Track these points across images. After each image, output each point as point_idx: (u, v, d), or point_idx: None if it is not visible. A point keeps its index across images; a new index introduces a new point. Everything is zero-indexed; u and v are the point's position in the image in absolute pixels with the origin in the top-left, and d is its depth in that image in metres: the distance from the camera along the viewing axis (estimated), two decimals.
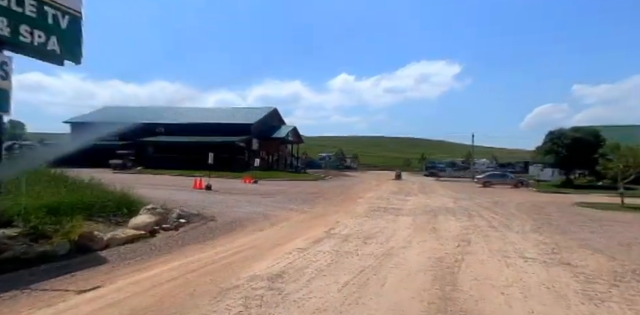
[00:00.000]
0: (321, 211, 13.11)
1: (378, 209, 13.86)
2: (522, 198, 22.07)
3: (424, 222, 11.06)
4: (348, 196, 20.09)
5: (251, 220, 10.62)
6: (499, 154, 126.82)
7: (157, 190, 18.57)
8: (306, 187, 26.36)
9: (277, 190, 22.44)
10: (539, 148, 34.10)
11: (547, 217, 13.13)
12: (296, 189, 23.85)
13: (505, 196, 23.54)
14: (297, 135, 47.55)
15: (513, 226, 10.52)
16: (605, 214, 14.74)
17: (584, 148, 30.85)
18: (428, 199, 19.10)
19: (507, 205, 17.42)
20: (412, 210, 14.03)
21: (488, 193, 26.29)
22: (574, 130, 31.91)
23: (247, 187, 24.13)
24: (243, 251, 6.86)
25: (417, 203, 16.87)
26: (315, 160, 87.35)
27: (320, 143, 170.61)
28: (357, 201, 17.15)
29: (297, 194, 19.77)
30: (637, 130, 37.44)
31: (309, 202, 15.76)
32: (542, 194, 26.34)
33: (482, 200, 19.52)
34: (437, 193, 24.57)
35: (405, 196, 20.45)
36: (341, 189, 25.36)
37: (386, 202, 17.07)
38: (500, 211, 14.60)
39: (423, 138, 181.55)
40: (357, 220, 10.95)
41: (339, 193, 22.12)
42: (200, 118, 40.55)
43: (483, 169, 78.16)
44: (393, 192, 24.10)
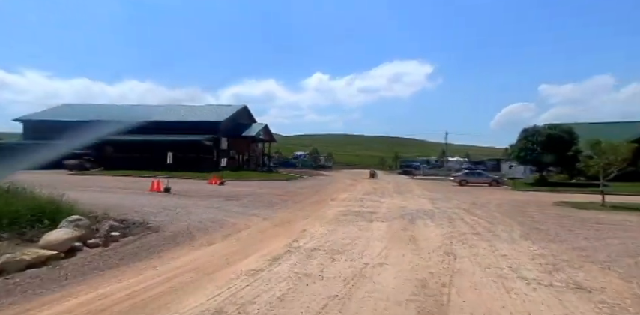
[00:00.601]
0: (288, 216, 11.73)
1: (351, 213, 12.59)
2: (500, 197, 21.30)
3: (401, 229, 9.85)
4: (319, 198, 18.77)
5: (204, 229, 9.14)
6: (471, 152, 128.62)
7: (106, 193, 16.78)
8: (276, 188, 24.91)
9: (244, 192, 20.92)
10: (513, 146, 33.69)
11: (532, 219, 12.17)
12: (264, 190, 22.39)
13: (482, 195, 22.75)
14: (268, 133, 45.90)
15: (500, 233, 9.43)
16: (589, 214, 13.95)
17: (558, 145, 30.54)
18: (404, 201, 18.00)
19: (487, 206, 16.49)
20: (387, 214, 12.83)
21: (465, 192, 25.51)
22: (549, 128, 31.59)
23: (212, 188, 22.48)
24: (178, 276, 5.41)
25: (393, 205, 15.72)
26: (288, 159, 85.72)
27: (295, 142, 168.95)
28: (328, 204, 15.85)
29: (265, 196, 18.33)
30: (604, 128, 37.62)
31: (275, 206, 14.35)
32: (518, 193, 25.76)
33: (460, 201, 18.57)
34: (413, 193, 23.57)
35: (379, 198, 19.30)
36: (313, 190, 24.03)
37: (359, 204, 15.84)
38: (481, 213, 13.59)
39: (397, 137, 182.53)
40: (326, 228, 9.63)
41: (311, 194, 20.78)
42: (165, 116, 38.39)
43: (457, 167, 78.51)
44: (368, 192, 22.95)
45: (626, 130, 35.65)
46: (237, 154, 42.27)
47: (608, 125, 38.96)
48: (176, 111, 39.96)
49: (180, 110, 40.58)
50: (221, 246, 7.52)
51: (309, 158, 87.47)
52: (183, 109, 41.21)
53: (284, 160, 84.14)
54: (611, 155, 16.40)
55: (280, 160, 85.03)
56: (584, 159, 17.66)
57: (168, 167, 32.01)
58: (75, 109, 41.31)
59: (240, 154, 42.54)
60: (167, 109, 39.83)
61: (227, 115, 39.28)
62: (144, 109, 40.24)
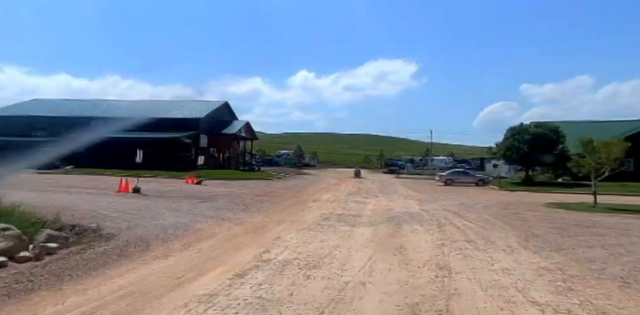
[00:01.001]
0: (263, 221, 10.67)
1: (332, 217, 11.59)
2: (488, 198, 20.59)
3: (387, 235, 8.89)
4: (300, 198, 17.74)
5: (164, 237, 8.02)
6: (455, 151, 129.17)
7: (68, 194, 15.46)
8: (256, 187, 23.80)
9: (221, 192, 19.76)
10: (499, 145, 33.20)
11: (525, 223, 11.35)
12: (243, 190, 21.26)
13: (470, 195, 22.03)
14: (250, 131, 44.61)
15: (495, 240, 8.54)
16: (583, 216, 13.24)
17: (544, 144, 30.13)
18: (390, 202, 17.10)
19: (476, 207, 15.69)
20: (372, 217, 11.88)
21: (452, 192, 24.79)
22: (535, 126, 31.17)
23: (188, 188, 21.24)
24: (109, 305, 4.31)
25: (378, 207, 14.78)
26: (272, 157, 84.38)
27: (280, 141, 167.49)
28: (309, 205, 14.83)
29: (243, 197, 17.23)
30: (590, 126, 37.47)
31: (252, 208, 13.27)
32: (505, 193, 25.17)
33: (447, 202, 17.76)
34: (398, 193, 22.73)
35: (364, 198, 18.37)
36: (294, 190, 22.99)
37: (342, 206, 14.86)
38: (471, 216, 12.74)
39: (382, 135, 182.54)
40: (303, 235, 8.60)
41: (291, 195, 19.73)
42: (142, 112, 36.81)
43: (441, 165, 78.41)
44: (352, 192, 22.01)
45: (612, 128, 35.45)
46: (218, 152, 40.93)
47: (594, 124, 38.83)
48: (154, 107, 38.40)
49: (158, 106, 39.02)
50: (178, 259, 6.42)
51: (293, 157, 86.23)
52: (162, 105, 39.65)
53: (268, 158, 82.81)
54: (604, 154, 15.76)
55: (264, 158, 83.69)
56: (576, 158, 16.97)
57: (144, 166, 30.58)
58: (45, 105, 39.37)
59: (221, 152, 41.20)
60: (144, 105, 38.23)
61: (207, 111, 37.89)
62: (120, 105, 38.62)
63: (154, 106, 38.11)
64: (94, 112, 35.65)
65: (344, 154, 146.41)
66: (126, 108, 37.88)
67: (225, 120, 41.28)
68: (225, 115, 42.20)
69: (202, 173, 31.98)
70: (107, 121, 35.61)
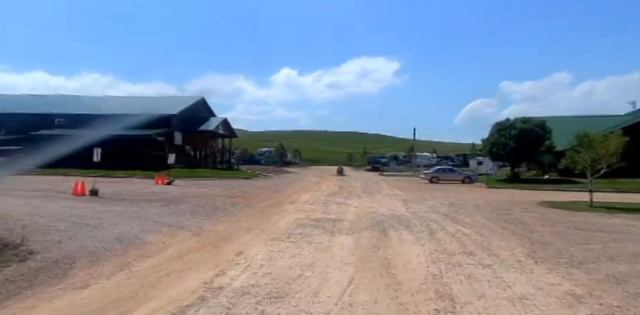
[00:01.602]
0: (228, 229, 9.18)
1: (309, 223, 10.18)
2: (477, 197, 19.48)
3: (371, 246, 7.52)
4: (277, 200, 16.28)
5: (96, 255, 6.50)
6: (437, 148, 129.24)
7: (13, 198, 13.65)
8: (232, 188, 22.24)
9: (191, 193, 18.18)
10: (484, 141, 32.28)
11: (526, 228, 10.14)
12: (217, 191, 19.70)
13: (458, 194, 20.91)
14: (229, 128, 42.78)
15: (498, 251, 7.26)
16: (583, 218, 12.13)
17: (531, 140, 29.30)
18: (373, 203, 15.78)
19: (467, 208, 14.49)
20: (354, 222, 10.51)
21: (438, 190, 23.66)
22: (522, 121, 30.30)
23: (156, 190, 19.58)
24: None
25: (361, 209, 13.43)
26: (254, 155, 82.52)
27: (262, 138, 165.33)
28: (285, 208, 13.38)
29: (214, 199, 15.69)
30: (576, 122, 36.98)
31: (219, 213, 11.76)
32: (494, 191, 24.16)
33: (435, 202, 16.54)
34: (383, 192, 21.46)
35: (346, 199, 17.01)
36: (272, 190, 21.50)
37: (322, 208, 13.46)
38: (463, 219, 11.49)
39: (365, 132, 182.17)
40: (271, 248, 7.17)
41: (268, 195, 18.26)
42: (111, 109, 34.77)
43: (425, 162, 77.77)
44: (333, 192, 20.64)
45: (597, 124, 34.96)
46: (194, 150, 39.10)
47: (579, 119, 38.30)
48: (125, 103, 36.34)
49: (129, 102, 36.96)
50: (99, 289, 4.91)
51: (275, 155, 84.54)
52: (134, 101, 37.58)
53: (249, 156, 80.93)
54: (601, 149, 14.72)
55: (245, 156, 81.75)
56: (571, 153, 15.93)
57: (119, 165, 28.73)
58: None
59: (198, 150, 39.36)
60: (116, 101, 36.15)
61: (182, 107, 35.99)
62: (87, 102, 36.43)
63: (124, 103, 36.01)
64: (59, 109, 33.42)
65: (327, 152, 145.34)
66: (94, 104, 35.72)
67: (202, 117, 39.43)
68: (202, 111, 40.32)
69: (175, 173, 30.23)
70: (72, 119, 33.52)
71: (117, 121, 33.43)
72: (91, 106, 34.77)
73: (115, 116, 33.57)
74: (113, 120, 33.16)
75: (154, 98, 38.80)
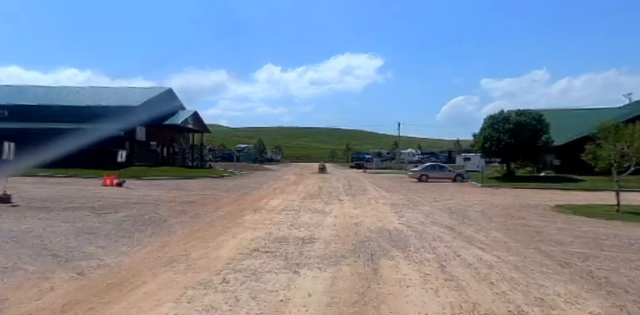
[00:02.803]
0: (135, 263, 6.14)
1: (268, 246, 7.21)
2: (477, 199, 16.81)
3: (354, 298, 4.59)
4: (239, 206, 13.25)
5: None
6: (421, 144, 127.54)
7: None
8: (193, 189, 19.14)
9: (137, 197, 15.06)
10: (477, 135, 29.74)
11: (566, 249, 7.39)
12: (171, 195, 16.61)
13: (453, 196, 18.22)
14: (199, 122, 39.25)
15: (560, 303, 4.42)
16: (624, 231, 9.49)
17: (528, 134, 26.89)
18: (357, 209, 12.90)
19: (471, 216, 11.75)
20: (331, 244, 7.58)
21: (430, 191, 20.95)
22: (518, 114, 27.83)
23: (95, 193, 16.34)
24: None
25: (342, 220, 10.53)
26: (232, 152, 78.98)
27: (243, 135, 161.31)
28: (243, 221, 10.37)
29: (159, 206, 12.63)
30: (575, 114, 34.99)
31: (149, 230, 8.69)
32: (491, 191, 21.56)
33: (431, 207, 13.76)
34: (368, 194, 18.62)
35: (324, 205, 14.09)
36: (239, 192, 18.45)
37: (292, 219, 10.51)
38: (476, 235, 8.70)
39: (349, 128, 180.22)
40: (182, 311, 4.18)
41: (232, 200, 15.22)
42: (63, 100, 31.05)
43: (409, 159, 75.59)
44: (311, 195, 17.72)
45: (596, 117, 32.83)
46: (161, 146, 35.62)
47: (576, 112, 36.25)
48: (80, 94, 32.63)
49: (85, 93, 33.24)
50: None
51: (253, 151, 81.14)
52: (90, 91, 33.86)
53: (227, 153, 77.41)
54: (630, 143, 12.11)
55: (223, 153, 78.20)
56: (591, 148, 13.26)
57: (68, 163, 25.31)
58: None
59: (164, 146, 35.88)
60: (69, 91, 32.43)
61: (145, 98, 32.42)
62: (38, 91, 32.57)
63: (78, 94, 32.30)
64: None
65: (310, 148, 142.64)
66: (44, 95, 31.89)
67: (170, 110, 35.88)
68: (170, 103, 36.73)
69: (136, 172, 26.92)
70: (15, 110, 29.74)
71: (67, 114, 29.84)
72: (40, 97, 30.96)
73: (66, 108, 29.97)
74: (64, 112, 29.58)
75: (115, 89, 35.08)
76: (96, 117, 29.13)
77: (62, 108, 29.64)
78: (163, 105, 35.42)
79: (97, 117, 29.13)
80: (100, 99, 31.73)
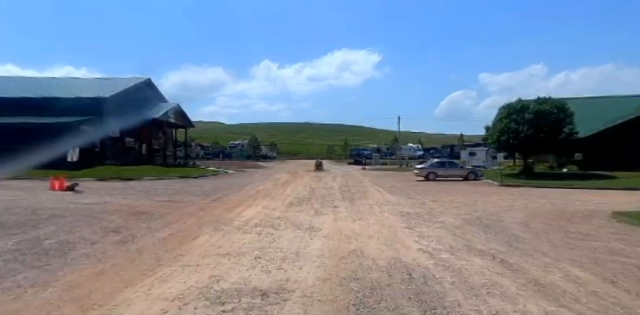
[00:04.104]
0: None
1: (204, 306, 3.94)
2: (504, 204, 13.56)
3: None
4: (198, 221, 9.96)
5: None
6: (421, 139, 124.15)
7: None
8: (158, 194, 15.88)
9: (78, 206, 11.81)
10: (491, 127, 26.43)
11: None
12: (126, 202, 13.36)
13: (474, 199, 14.96)
14: (183, 116, 35.77)
15: None
16: None
17: (550, 124, 23.61)
18: (357, 222, 9.63)
19: (513, 230, 8.53)
20: (313, 303, 4.30)
21: (443, 192, 17.69)
22: (538, 102, 24.51)
23: (32, 200, 13.06)
24: None
25: (334, 244, 7.27)
26: (225, 149, 75.53)
27: (240, 131, 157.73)
28: (188, 248, 7.09)
29: (93, 221, 9.41)
30: (601, 103, 31.76)
31: (23, 273, 5.42)
32: (516, 192, 18.29)
33: (454, 217, 10.50)
34: (369, 197, 15.35)
35: (314, 214, 10.82)
36: (214, 196, 15.16)
37: (262, 245, 7.26)
38: (551, 276, 5.44)
39: (347, 124, 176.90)
40: None
41: (197, 208, 11.93)
42: (20, 91, 27.62)
43: (410, 154, 72.33)
44: (300, 199, 14.46)
45: (619, 105, 29.66)
46: (139, 143, 32.26)
47: (597, 100, 32.94)
48: (43, 84, 29.21)
49: (50, 84, 29.82)
50: None
51: (247, 148, 77.67)
52: (59, 82, 30.43)
53: (219, 150, 74.00)
54: None
55: (216, 150, 74.84)
56: None
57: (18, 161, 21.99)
58: None
59: (143, 142, 32.51)
60: (31, 82, 29.01)
61: (117, 89, 28.98)
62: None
63: (40, 84, 28.88)
64: None
65: (307, 145, 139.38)
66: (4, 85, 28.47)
67: (148, 102, 32.46)
68: (148, 96, 33.30)
69: (105, 172, 23.64)
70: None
71: (28, 107, 26.47)
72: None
73: (27, 100, 26.59)
74: (25, 105, 26.21)
75: (87, 80, 31.69)
76: (63, 110, 25.79)
77: (23, 100, 26.26)
78: (141, 97, 32.00)
79: (64, 110, 25.79)
80: (68, 91, 28.30)
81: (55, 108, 25.62)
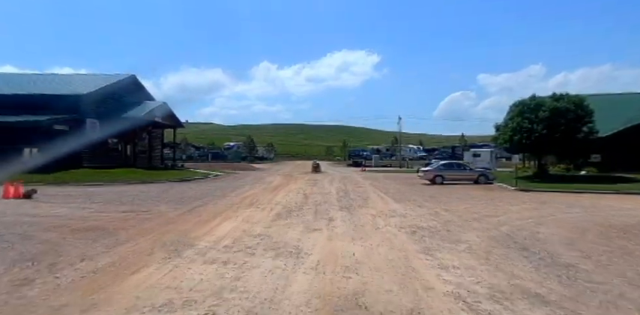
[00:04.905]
0: None
1: None
2: (530, 214, 11.46)
3: None
4: (156, 241, 7.84)
5: None
6: (417, 140, 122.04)
7: None
8: (125, 203, 13.78)
9: (17, 220, 9.70)
10: (502, 126, 24.33)
11: None
12: (83, 213, 11.30)
13: (493, 207, 12.84)
14: (170, 116, 33.53)
15: None
16: None
17: (567, 123, 21.54)
18: (357, 243, 7.51)
19: (566, 257, 6.45)
20: None
21: (455, 199, 15.57)
22: (555, 99, 22.43)
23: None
24: None
25: (325, 282, 5.13)
26: (220, 150, 73.40)
27: (237, 132, 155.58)
28: (114, 292, 4.94)
29: (13, 245, 7.26)
30: (622, 100, 29.70)
31: None
32: (536, 198, 16.18)
33: (479, 234, 8.39)
34: (371, 206, 13.22)
35: (304, 230, 8.69)
36: (189, 206, 13.02)
37: (224, 284, 5.14)
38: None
39: (346, 125, 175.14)
40: None
41: (163, 222, 9.81)
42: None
43: (411, 155, 70.25)
44: (290, 208, 12.34)
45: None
46: (123, 143, 30.10)
47: (613, 97, 30.77)
48: (16, 81, 27.08)
49: (23, 80, 27.68)
50: None
51: (243, 149, 75.47)
52: (31, 78, 28.28)
53: (214, 151, 71.86)
54: None
55: (210, 151, 72.72)
56: None
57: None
58: None
59: (128, 143, 30.34)
60: (4, 78, 26.90)
61: (96, 86, 26.82)
62: None
63: (11, 80, 26.75)
64: None
65: (305, 146, 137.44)
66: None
67: (133, 101, 30.29)
68: (132, 93, 31.12)
69: (80, 175, 21.54)
70: None
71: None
72: None
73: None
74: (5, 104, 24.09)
75: (63, 76, 29.52)
76: (35, 108, 23.67)
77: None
78: (125, 94, 29.83)
79: (37, 108, 23.68)
80: (43, 87, 26.17)
81: (28, 106, 23.51)
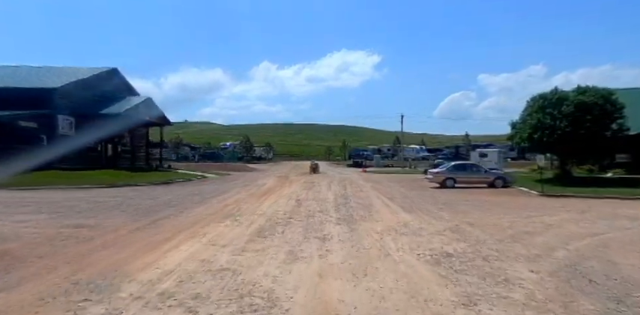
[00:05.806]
0: None
1: None
2: (577, 230, 9.03)
3: None
4: (71, 277, 5.37)
5: None
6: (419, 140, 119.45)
7: None
8: (80, 210, 11.34)
9: None
10: (520, 123, 21.88)
11: None
12: (15, 225, 8.81)
13: (529, 220, 10.38)
14: (156, 112, 31.01)
15: None
16: None
17: (595, 119, 19.11)
18: (357, 283, 5.02)
19: None
20: None
21: (474, 206, 13.12)
22: (580, 92, 20.01)
23: None
24: None
25: None
26: (216, 150, 71.02)
27: (236, 132, 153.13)
28: None
29: None
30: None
31: None
32: (571, 205, 13.71)
33: (526, 263, 5.92)
34: (376, 217, 10.76)
35: (287, 256, 6.23)
36: (154, 216, 10.58)
37: None
38: None
39: (346, 125, 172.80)
40: None
41: (109, 241, 7.38)
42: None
43: (413, 155, 67.78)
44: (275, 221, 9.90)
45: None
46: (103, 143, 27.67)
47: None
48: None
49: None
50: None
51: (239, 149, 73.05)
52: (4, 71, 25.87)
53: (210, 152, 69.49)
54: None
55: (206, 151, 70.36)
56: None
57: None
58: None
59: (109, 143, 27.92)
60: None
61: (72, 78, 24.39)
62: None
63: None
64: None
65: (305, 146, 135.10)
66: None
67: (113, 96, 27.85)
68: (114, 88, 28.70)
69: (44, 176, 19.18)
70: None
71: None
72: None
73: None
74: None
75: (38, 69, 27.09)
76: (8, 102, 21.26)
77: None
78: (104, 89, 27.40)
79: (3, 103, 21.25)
80: (12, 81, 23.77)
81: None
